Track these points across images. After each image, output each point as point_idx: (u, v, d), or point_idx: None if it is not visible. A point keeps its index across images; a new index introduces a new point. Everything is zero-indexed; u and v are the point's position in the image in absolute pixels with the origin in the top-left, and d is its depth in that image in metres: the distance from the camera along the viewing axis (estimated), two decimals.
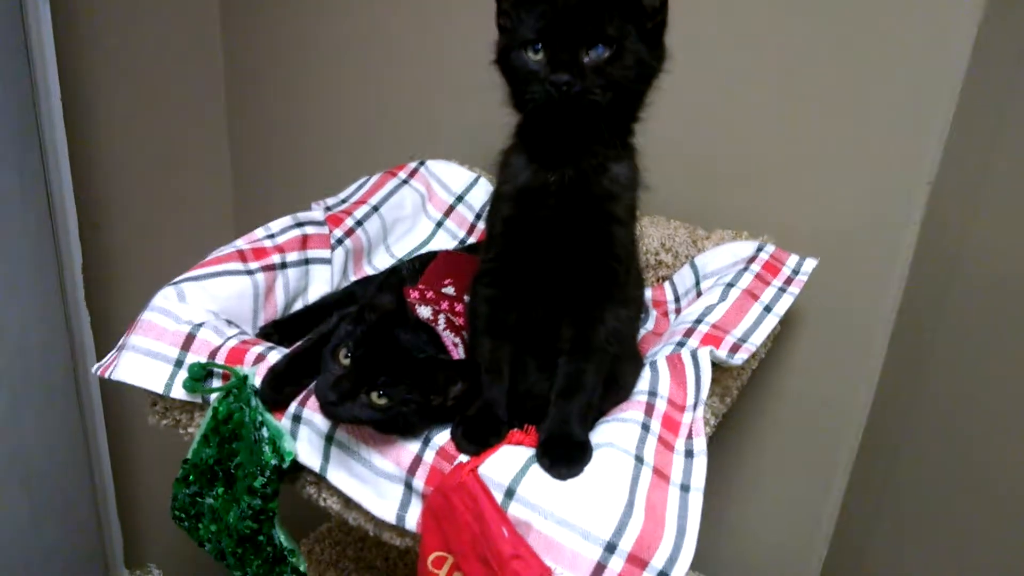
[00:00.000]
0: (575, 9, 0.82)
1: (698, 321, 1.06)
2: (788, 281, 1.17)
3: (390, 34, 1.70)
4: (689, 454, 0.88)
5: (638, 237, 1.00)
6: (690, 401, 0.94)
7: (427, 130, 1.72)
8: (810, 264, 1.21)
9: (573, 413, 0.87)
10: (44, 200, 1.56)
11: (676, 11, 0.86)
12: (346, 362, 0.87)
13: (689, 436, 0.90)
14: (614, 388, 0.95)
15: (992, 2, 1.10)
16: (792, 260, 1.21)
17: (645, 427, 0.88)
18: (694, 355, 0.98)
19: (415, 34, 1.67)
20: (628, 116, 0.90)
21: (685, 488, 0.84)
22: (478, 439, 0.85)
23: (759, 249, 1.21)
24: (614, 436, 0.86)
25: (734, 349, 1.03)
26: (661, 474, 0.84)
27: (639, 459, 0.83)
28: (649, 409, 0.91)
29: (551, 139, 0.89)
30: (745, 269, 1.17)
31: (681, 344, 1.02)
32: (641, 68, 0.85)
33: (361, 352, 0.86)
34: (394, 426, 0.88)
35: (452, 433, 0.87)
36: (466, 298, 1.06)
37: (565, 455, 0.82)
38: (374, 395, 0.85)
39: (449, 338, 0.96)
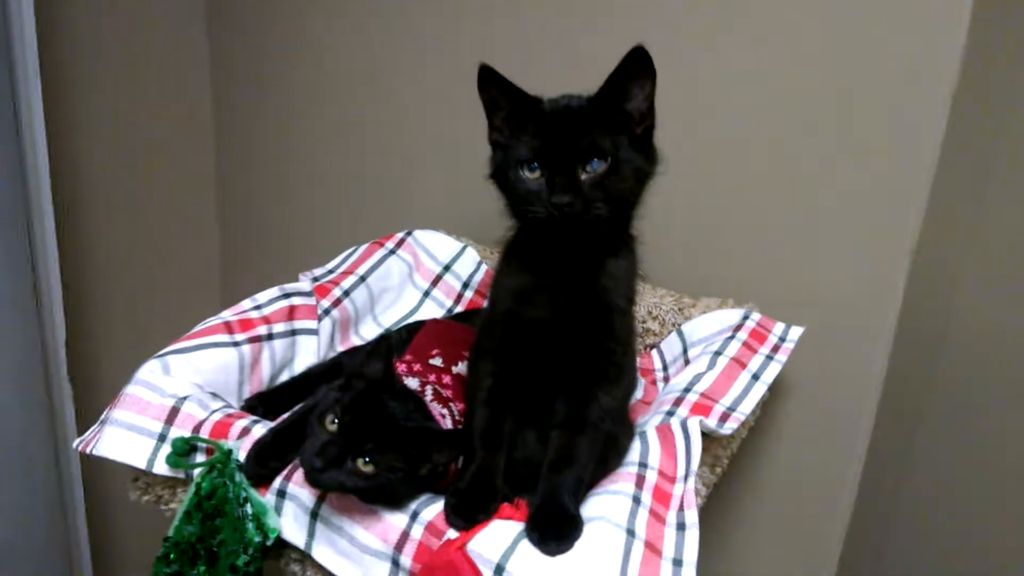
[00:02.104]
0: (568, 127, 0.84)
1: (687, 390, 1.06)
2: (775, 349, 1.18)
3: (379, 104, 1.73)
4: (681, 527, 0.87)
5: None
6: (681, 472, 0.93)
7: (414, 198, 1.74)
8: (796, 332, 1.21)
9: (564, 486, 0.85)
10: (29, 272, 1.56)
11: (661, 87, 0.87)
12: (332, 428, 0.86)
13: (680, 508, 0.89)
14: (605, 459, 0.93)
15: (964, 80, 1.14)
16: (778, 328, 1.22)
17: (636, 499, 0.87)
18: (684, 425, 0.98)
19: (404, 105, 1.70)
20: (627, 218, 0.92)
21: (678, 563, 0.82)
22: (467, 514, 0.83)
23: (745, 317, 1.22)
24: (605, 509, 0.85)
25: (723, 418, 1.02)
26: (653, 548, 0.82)
27: (630, 532, 0.82)
28: (640, 481, 0.90)
29: (551, 242, 0.90)
30: (732, 337, 1.17)
31: (671, 414, 1.02)
32: (638, 175, 0.87)
33: (349, 418, 0.85)
34: (379, 495, 0.86)
35: (445, 504, 0.85)
36: (454, 369, 1.05)
37: (555, 529, 0.81)
38: (360, 462, 0.83)
39: (437, 409, 0.95)
